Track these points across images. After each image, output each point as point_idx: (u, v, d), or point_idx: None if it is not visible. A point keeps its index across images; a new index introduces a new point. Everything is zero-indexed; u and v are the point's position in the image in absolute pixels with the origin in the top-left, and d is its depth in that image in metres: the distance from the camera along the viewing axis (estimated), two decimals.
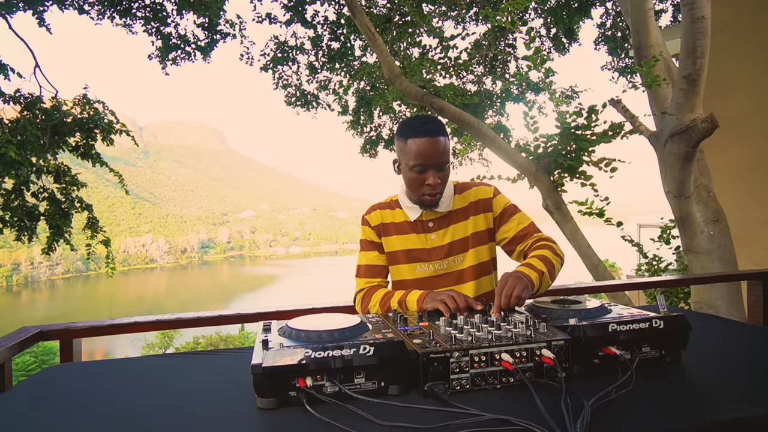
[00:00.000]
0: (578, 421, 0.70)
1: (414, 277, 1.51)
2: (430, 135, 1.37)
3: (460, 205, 1.54)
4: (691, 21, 3.04)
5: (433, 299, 1.25)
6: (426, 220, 1.51)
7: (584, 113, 3.44)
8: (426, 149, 1.37)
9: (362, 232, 1.61)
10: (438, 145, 1.38)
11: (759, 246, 4.60)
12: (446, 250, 1.50)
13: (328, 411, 0.77)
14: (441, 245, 1.50)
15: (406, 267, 1.52)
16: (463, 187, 1.58)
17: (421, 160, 1.39)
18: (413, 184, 1.44)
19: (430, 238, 1.51)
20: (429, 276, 1.50)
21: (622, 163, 3.60)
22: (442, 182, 1.43)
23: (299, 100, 8.33)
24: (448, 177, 1.47)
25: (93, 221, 5.99)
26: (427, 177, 1.40)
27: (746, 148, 4.92)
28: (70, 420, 0.81)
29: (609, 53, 8.77)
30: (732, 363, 1.04)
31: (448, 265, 1.50)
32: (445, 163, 1.41)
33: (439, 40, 7.53)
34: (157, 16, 6.96)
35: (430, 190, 1.42)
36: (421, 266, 1.51)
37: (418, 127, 1.39)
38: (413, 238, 1.52)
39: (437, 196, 1.44)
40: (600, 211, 3.73)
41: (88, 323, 1.63)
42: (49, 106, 5.68)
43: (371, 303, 1.46)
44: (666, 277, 2.84)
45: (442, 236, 1.51)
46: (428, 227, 1.52)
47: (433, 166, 1.40)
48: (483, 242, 1.52)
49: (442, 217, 1.52)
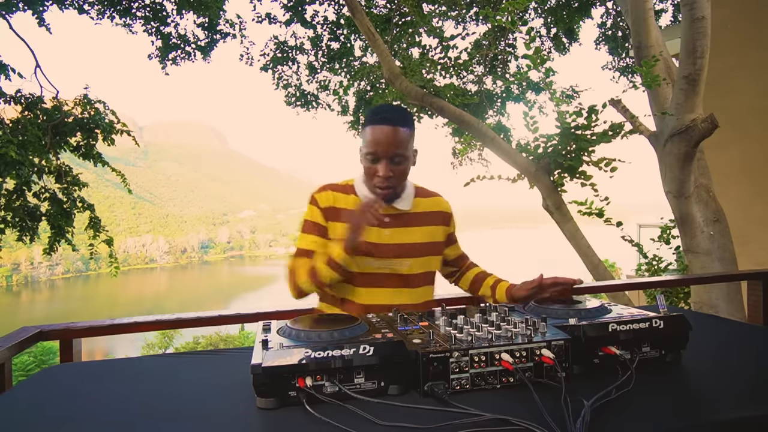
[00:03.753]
0: (578, 420, 0.70)
1: (360, 270, 1.40)
2: (386, 123, 1.31)
3: (420, 209, 1.47)
4: (691, 21, 3.04)
5: (354, 234, 1.24)
6: (383, 214, 1.39)
7: (584, 113, 3.44)
8: (379, 137, 1.31)
9: (308, 212, 1.47)
10: (394, 134, 1.30)
11: (759, 246, 4.60)
12: (396, 250, 1.41)
13: (328, 411, 0.77)
14: (392, 243, 1.41)
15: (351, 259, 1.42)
16: (425, 193, 1.53)
17: (372, 148, 1.32)
18: (366, 174, 1.38)
19: (384, 234, 1.41)
20: (374, 272, 1.41)
21: (622, 163, 3.60)
22: (395, 176, 1.35)
23: (299, 100, 8.32)
24: (404, 172, 1.38)
25: (95, 221, 5.99)
26: (378, 167, 1.33)
27: (746, 147, 4.92)
28: (69, 420, 0.81)
29: (609, 53, 8.77)
30: (732, 363, 1.04)
31: (394, 267, 1.41)
32: (400, 156, 1.33)
33: (439, 40, 7.53)
34: (157, 16, 6.97)
35: (380, 182, 1.34)
36: (367, 260, 1.40)
37: (377, 114, 1.33)
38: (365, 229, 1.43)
39: (388, 190, 1.37)
40: (600, 211, 3.73)
41: (88, 323, 1.63)
42: (49, 106, 5.68)
43: (298, 275, 1.36)
44: (666, 277, 2.84)
45: (396, 235, 1.42)
46: (383, 222, 1.41)
47: (385, 157, 1.32)
48: (434, 253, 1.48)
49: (400, 215, 1.44)
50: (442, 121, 8.16)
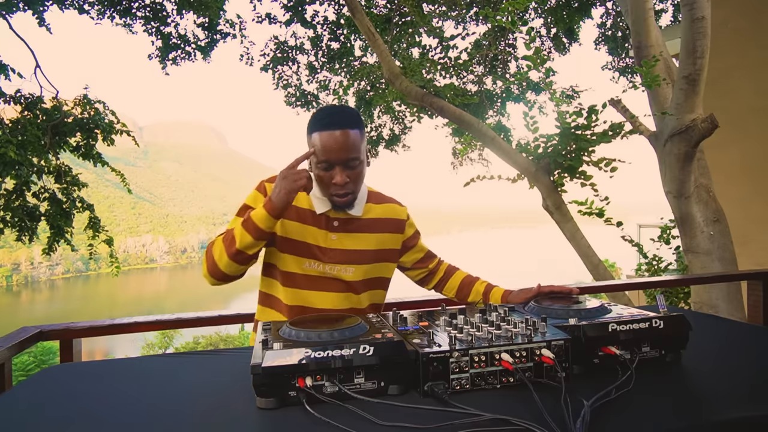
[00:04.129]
0: (578, 420, 0.70)
1: (302, 272, 1.34)
2: (334, 128, 1.21)
3: (371, 215, 1.41)
4: (691, 21, 3.04)
5: (286, 193, 1.17)
6: (332, 218, 1.36)
7: (584, 113, 3.44)
8: (329, 144, 1.21)
9: (250, 197, 1.38)
10: (344, 139, 1.21)
11: (759, 246, 4.60)
12: (342, 255, 1.35)
13: (328, 411, 0.77)
14: (338, 249, 1.35)
15: (295, 259, 1.34)
16: (379, 198, 1.46)
17: (324, 156, 1.23)
18: (321, 184, 1.29)
19: (331, 238, 1.35)
20: (317, 275, 1.34)
21: (622, 163, 3.60)
22: (352, 181, 1.27)
23: (299, 100, 8.33)
24: (360, 176, 1.30)
25: (94, 221, 6.00)
26: (334, 175, 1.25)
27: (746, 147, 4.92)
28: (70, 420, 0.81)
29: (609, 53, 8.77)
30: (732, 363, 1.04)
31: (338, 272, 1.35)
32: (354, 160, 1.25)
33: (439, 40, 7.54)
34: (157, 16, 6.97)
35: (338, 190, 1.27)
36: (310, 263, 1.34)
37: (322, 119, 1.24)
38: (313, 231, 1.35)
39: (348, 196, 1.29)
40: (600, 211, 3.73)
41: (88, 323, 1.63)
42: (49, 106, 5.69)
43: (214, 250, 1.26)
44: (666, 277, 2.84)
45: (343, 240, 1.36)
46: (332, 226, 1.35)
47: (339, 163, 1.24)
48: (383, 260, 1.42)
49: (350, 220, 1.37)
50: (442, 121, 8.17)
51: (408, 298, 1.86)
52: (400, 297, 1.88)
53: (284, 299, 1.35)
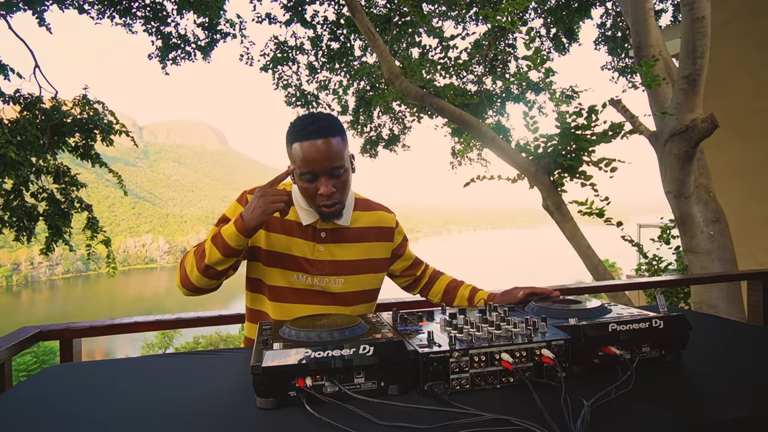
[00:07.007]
0: (578, 420, 0.70)
1: (289, 285, 1.31)
2: (315, 137, 1.17)
3: (360, 224, 1.38)
4: (691, 21, 3.04)
5: (260, 213, 1.13)
6: (319, 229, 1.32)
7: (584, 113, 3.44)
8: (312, 154, 1.17)
9: (230, 208, 1.34)
10: (327, 148, 1.17)
11: (759, 246, 4.60)
12: (330, 267, 1.32)
13: (328, 411, 0.77)
14: (327, 260, 1.32)
15: (281, 273, 1.30)
16: (367, 206, 1.43)
17: (308, 167, 1.18)
18: (306, 195, 1.25)
19: (318, 249, 1.31)
20: (305, 288, 1.31)
21: (622, 163, 3.60)
22: (338, 190, 1.23)
23: (299, 100, 8.33)
24: (346, 184, 1.26)
25: (93, 221, 5.99)
26: (319, 186, 1.21)
27: (746, 147, 4.92)
28: (70, 420, 0.81)
29: (609, 53, 8.77)
30: (732, 363, 1.04)
31: (326, 284, 1.32)
32: (339, 168, 1.21)
33: (439, 40, 7.53)
34: (157, 16, 6.97)
35: (325, 200, 1.22)
36: (298, 276, 1.30)
37: (302, 129, 1.19)
38: (300, 243, 1.31)
39: (336, 206, 1.25)
40: (600, 211, 3.73)
41: (88, 323, 1.63)
42: (48, 106, 5.68)
43: (187, 260, 1.24)
44: (666, 277, 2.84)
45: (332, 251, 1.33)
46: (319, 237, 1.32)
47: (324, 173, 1.20)
48: (372, 270, 1.39)
49: (337, 230, 1.34)
50: (442, 121, 8.17)
51: (408, 298, 1.85)
52: (400, 297, 1.87)
53: (272, 314, 1.32)
